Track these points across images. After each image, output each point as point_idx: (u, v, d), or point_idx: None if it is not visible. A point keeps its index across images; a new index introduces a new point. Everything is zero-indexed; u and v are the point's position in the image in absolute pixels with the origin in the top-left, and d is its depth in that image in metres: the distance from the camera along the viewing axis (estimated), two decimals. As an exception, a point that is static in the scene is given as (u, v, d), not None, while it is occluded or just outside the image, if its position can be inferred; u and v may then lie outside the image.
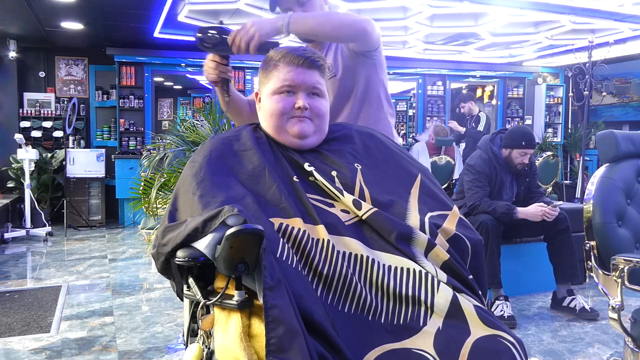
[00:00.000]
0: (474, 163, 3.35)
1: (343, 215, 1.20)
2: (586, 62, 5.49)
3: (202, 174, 1.22)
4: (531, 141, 3.31)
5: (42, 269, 4.40)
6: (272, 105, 1.32)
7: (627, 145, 1.91)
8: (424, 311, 1.06)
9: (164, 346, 2.72)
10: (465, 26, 5.94)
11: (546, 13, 5.22)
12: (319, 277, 1.08)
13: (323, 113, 1.35)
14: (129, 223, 6.54)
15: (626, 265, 1.57)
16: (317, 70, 1.35)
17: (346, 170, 1.28)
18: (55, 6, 5.05)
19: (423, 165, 1.43)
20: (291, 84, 1.31)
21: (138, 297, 3.59)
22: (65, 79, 7.08)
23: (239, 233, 0.94)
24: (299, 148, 1.33)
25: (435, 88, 8.04)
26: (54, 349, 2.68)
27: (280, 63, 1.33)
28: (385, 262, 1.12)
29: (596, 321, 3.04)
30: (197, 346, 1.09)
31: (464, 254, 1.23)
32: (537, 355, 2.59)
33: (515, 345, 1.02)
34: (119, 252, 5.10)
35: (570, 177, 8.32)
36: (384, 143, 1.43)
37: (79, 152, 6.55)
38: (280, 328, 0.90)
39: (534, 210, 3.16)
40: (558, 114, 8.45)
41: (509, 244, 3.42)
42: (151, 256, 1.19)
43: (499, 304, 3.08)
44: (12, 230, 5.58)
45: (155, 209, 4.09)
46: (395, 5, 5.26)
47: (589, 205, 1.84)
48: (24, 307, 3.34)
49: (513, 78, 8.35)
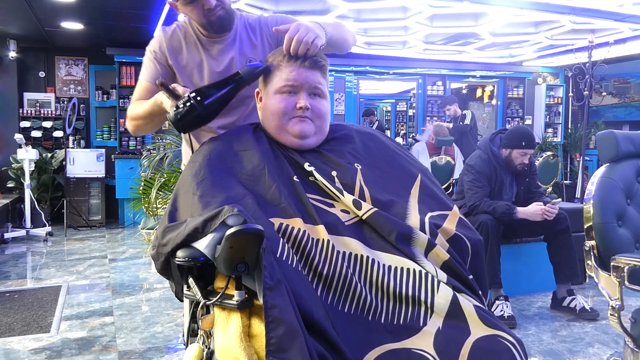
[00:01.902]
0: (473, 163, 3.35)
1: (343, 215, 1.20)
2: (586, 62, 5.49)
3: (202, 174, 1.23)
4: (531, 141, 3.31)
5: (42, 269, 4.40)
6: (274, 105, 1.33)
7: (627, 145, 1.91)
8: (424, 311, 1.06)
9: (164, 346, 2.72)
10: (465, 26, 5.94)
11: (546, 13, 5.22)
12: (319, 277, 1.08)
13: (324, 114, 1.36)
14: (129, 223, 6.54)
15: (626, 265, 1.57)
16: (318, 71, 1.35)
17: (346, 170, 1.28)
18: (55, 6, 5.04)
19: (423, 165, 1.43)
20: (294, 84, 1.32)
21: (138, 297, 3.59)
22: (65, 79, 7.08)
23: (239, 233, 0.94)
24: (299, 148, 1.33)
25: (435, 88, 8.04)
26: (54, 349, 2.68)
27: (283, 63, 1.33)
28: (385, 262, 1.12)
29: (596, 321, 3.04)
30: (197, 346, 1.09)
31: (464, 254, 1.23)
32: (537, 355, 2.59)
33: (515, 345, 1.02)
34: (119, 252, 5.10)
35: (570, 177, 8.32)
36: (384, 143, 1.43)
37: (79, 152, 6.55)
38: (280, 328, 0.90)
39: (533, 209, 3.16)
40: (558, 114, 8.44)
41: (509, 244, 3.42)
42: (151, 257, 1.19)
43: (499, 304, 3.08)
44: (12, 230, 5.58)
45: (155, 209, 4.09)
46: (395, 5, 5.26)
47: (589, 205, 1.84)
48: (24, 307, 3.34)
49: (513, 78, 8.35)
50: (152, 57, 1.62)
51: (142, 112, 1.54)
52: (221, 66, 1.62)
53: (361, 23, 5.82)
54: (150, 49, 1.63)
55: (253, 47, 1.66)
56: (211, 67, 1.62)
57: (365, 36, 6.43)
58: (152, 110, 1.50)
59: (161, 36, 1.63)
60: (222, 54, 1.62)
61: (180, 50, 1.63)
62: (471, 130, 6.25)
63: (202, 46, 1.62)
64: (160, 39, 1.63)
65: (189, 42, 1.63)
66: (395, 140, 1.87)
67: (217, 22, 1.55)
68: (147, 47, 1.64)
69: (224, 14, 1.54)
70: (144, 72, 1.63)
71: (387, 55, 7.54)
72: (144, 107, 1.53)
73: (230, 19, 1.58)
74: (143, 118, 1.56)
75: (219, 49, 1.62)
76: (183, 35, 1.63)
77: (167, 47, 1.61)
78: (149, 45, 1.64)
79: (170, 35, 1.62)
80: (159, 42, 1.62)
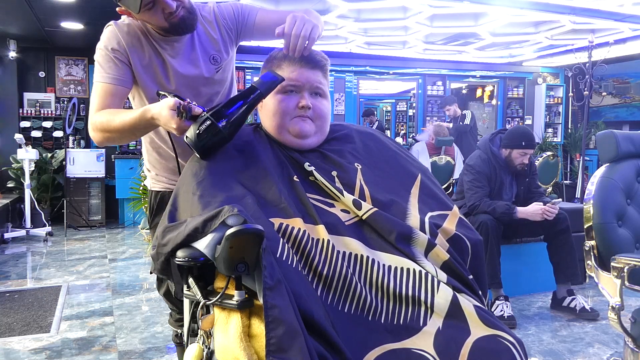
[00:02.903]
0: (473, 163, 3.35)
1: (343, 215, 1.20)
2: (586, 62, 5.49)
3: (202, 174, 1.22)
4: (531, 141, 3.31)
5: (42, 269, 4.40)
6: (276, 105, 1.33)
7: (627, 145, 1.91)
8: (424, 311, 1.06)
9: (164, 346, 2.72)
10: (465, 26, 5.95)
11: (546, 13, 5.23)
12: (319, 277, 1.08)
13: (325, 114, 1.36)
14: (129, 223, 6.54)
15: (626, 265, 1.57)
16: (319, 70, 1.35)
17: (346, 170, 1.28)
18: (55, 6, 5.05)
19: (423, 165, 1.43)
20: (295, 84, 1.32)
21: (138, 297, 3.59)
22: (65, 79, 7.08)
23: (239, 233, 0.94)
24: (300, 148, 1.33)
25: (435, 88, 8.04)
26: (54, 349, 2.68)
27: (284, 62, 1.33)
28: (385, 262, 1.12)
29: (596, 321, 3.04)
30: (197, 346, 1.09)
31: (464, 254, 1.23)
32: (537, 355, 2.59)
33: (515, 345, 1.02)
34: (119, 252, 5.10)
35: (570, 177, 8.32)
36: (384, 143, 1.43)
37: (79, 152, 6.55)
38: (280, 328, 0.90)
39: (533, 209, 3.15)
40: (558, 114, 8.44)
41: (509, 244, 3.42)
42: (151, 257, 1.19)
43: (499, 304, 3.08)
44: (12, 230, 5.58)
45: (155, 209, 4.08)
46: (395, 5, 5.26)
47: (589, 205, 1.84)
48: (24, 307, 3.34)
49: (513, 78, 8.35)
50: (111, 56, 1.45)
51: (120, 124, 1.36)
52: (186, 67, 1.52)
53: (361, 23, 5.82)
54: (105, 46, 1.46)
55: (213, 42, 1.57)
56: (174, 68, 1.51)
57: (365, 36, 6.43)
58: (136, 125, 1.34)
59: (116, 32, 1.48)
60: (182, 53, 1.52)
61: (140, 48, 1.49)
62: (471, 130, 6.27)
63: (159, 45, 1.50)
64: (117, 35, 1.47)
65: (148, 40, 1.50)
66: (395, 140, 1.86)
67: (181, 24, 1.43)
68: (100, 44, 1.48)
69: (185, 14, 1.42)
70: (102, 73, 1.45)
71: (387, 55, 7.54)
72: (122, 118, 1.36)
73: (193, 18, 1.45)
74: (120, 131, 1.38)
75: (178, 48, 1.52)
76: (140, 32, 1.49)
77: (126, 43, 1.47)
78: (103, 42, 1.47)
79: (127, 31, 1.48)
80: (115, 38, 1.47)
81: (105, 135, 1.43)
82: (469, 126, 6.24)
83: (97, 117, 1.43)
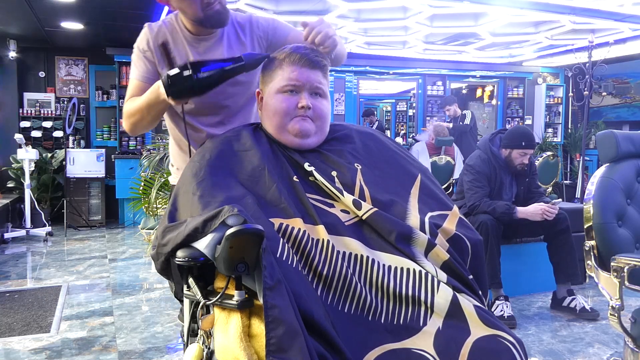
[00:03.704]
0: (473, 163, 3.35)
1: (343, 216, 1.20)
2: (586, 62, 5.49)
3: (202, 174, 1.23)
4: (531, 141, 3.31)
5: (42, 269, 4.40)
6: (276, 105, 1.33)
7: (627, 145, 1.91)
8: (424, 311, 1.06)
9: (164, 346, 2.72)
10: (465, 26, 5.95)
11: (546, 13, 5.23)
12: (319, 277, 1.08)
13: (325, 114, 1.36)
14: (129, 223, 6.54)
15: (626, 265, 1.57)
16: (320, 71, 1.35)
17: (346, 170, 1.28)
18: (55, 6, 5.04)
19: (423, 165, 1.43)
20: (295, 83, 1.32)
21: (138, 297, 3.59)
22: (65, 79, 7.08)
23: (239, 233, 0.94)
24: (299, 148, 1.33)
25: (435, 88, 8.05)
26: (54, 349, 2.68)
27: (285, 62, 1.33)
28: (385, 262, 1.12)
29: (596, 321, 3.04)
30: (197, 346, 1.09)
31: (464, 254, 1.23)
32: (537, 355, 2.59)
33: (515, 345, 1.02)
34: (119, 252, 5.10)
35: (570, 177, 8.32)
36: (384, 143, 1.43)
37: (79, 152, 6.55)
38: (280, 328, 0.90)
39: (533, 209, 3.16)
40: (558, 114, 8.45)
41: (509, 244, 3.42)
42: (151, 257, 1.19)
43: (499, 304, 3.08)
44: (12, 230, 5.58)
45: (155, 209, 4.09)
46: (395, 5, 5.26)
47: (589, 205, 1.84)
48: (24, 307, 3.34)
49: (513, 78, 8.35)
50: (141, 56, 1.58)
51: (139, 105, 1.50)
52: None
53: (361, 23, 5.82)
54: (138, 47, 1.59)
55: (241, 45, 1.63)
56: None
57: (365, 36, 6.43)
58: (149, 100, 1.46)
59: (147, 33, 1.59)
60: (209, 51, 1.59)
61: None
62: (471, 130, 6.27)
63: (188, 43, 1.59)
64: (147, 36, 1.59)
65: (176, 39, 1.59)
66: (395, 140, 1.86)
67: (215, 17, 1.51)
68: (135, 45, 1.61)
69: (220, 9, 1.51)
70: (135, 72, 1.59)
71: (387, 55, 7.54)
72: (140, 99, 1.50)
73: (226, 14, 1.55)
74: (140, 111, 1.52)
75: (206, 47, 1.59)
76: (169, 32, 1.60)
77: (154, 44, 1.57)
78: (136, 42, 1.61)
79: (157, 32, 1.59)
80: (146, 39, 1.59)
81: (131, 121, 1.55)
82: (469, 126, 6.25)
83: (125, 106, 1.58)
